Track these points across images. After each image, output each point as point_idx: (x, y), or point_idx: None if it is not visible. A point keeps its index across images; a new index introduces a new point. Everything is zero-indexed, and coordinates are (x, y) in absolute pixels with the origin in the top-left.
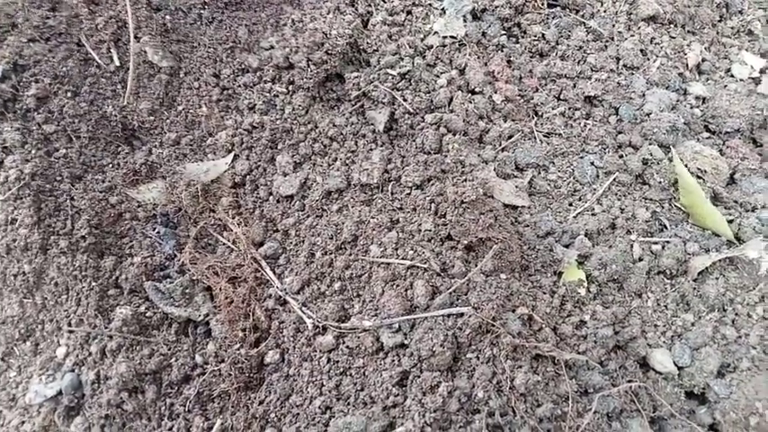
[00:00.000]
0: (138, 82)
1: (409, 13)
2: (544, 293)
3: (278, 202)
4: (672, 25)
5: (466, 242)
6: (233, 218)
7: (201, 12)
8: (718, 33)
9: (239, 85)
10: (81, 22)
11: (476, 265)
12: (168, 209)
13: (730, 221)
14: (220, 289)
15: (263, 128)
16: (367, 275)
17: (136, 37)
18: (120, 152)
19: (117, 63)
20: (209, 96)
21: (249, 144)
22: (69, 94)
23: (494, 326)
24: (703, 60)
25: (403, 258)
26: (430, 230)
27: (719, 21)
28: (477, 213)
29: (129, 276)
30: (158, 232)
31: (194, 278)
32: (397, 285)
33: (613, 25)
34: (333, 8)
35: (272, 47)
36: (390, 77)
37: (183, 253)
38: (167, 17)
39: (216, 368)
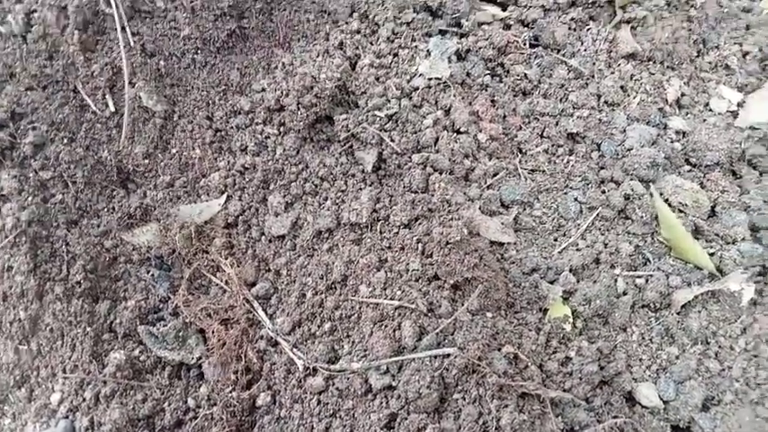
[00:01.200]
0: (132, 126)
1: (396, 55)
2: (530, 331)
3: (270, 242)
4: (651, 62)
5: (452, 282)
6: (226, 258)
7: (195, 56)
8: (696, 68)
9: (232, 127)
10: (77, 70)
11: (462, 305)
12: (162, 251)
13: (712, 254)
14: (213, 331)
15: (255, 169)
16: (356, 316)
17: (131, 82)
18: (116, 196)
19: (112, 109)
20: (202, 138)
21: (241, 185)
22: (65, 141)
23: (480, 365)
24: (682, 95)
25: (391, 299)
26: (417, 270)
27: (697, 56)
28: (463, 253)
29: (123, 320)
30: (152, 275)
31: (187, 321)
32: (386, 326)
33: (594, 63)
34: (322, 51)
35: (263, 89)
36: (378, 119)
37: (176, 295)
38: (161, 62)
39: (208, 412)
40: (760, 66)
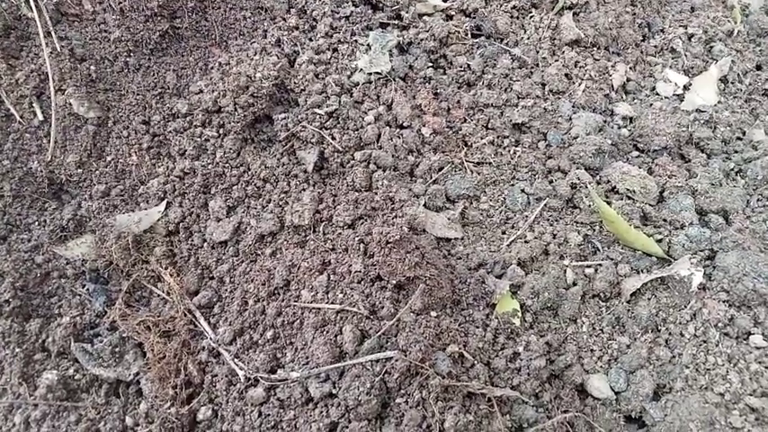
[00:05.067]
0: (63, 135)
1: (335, 50)
2: (477, 328)
3: (212, 248)
4: (595, 48)
5: (394, 282)
6: (166, 268)
7: (128, 59)
8: (641, 53)
9: (170, 131)
10: (0, 79)
11: (405, 305)
12: (98, 264)
13: (660, 240)
14: (152, 345)
15: (195, 173)
16: (298, 322)
17: (60, 89)
18: (48, 209)
19: (41, 117)
20: (139, 144)
21: (182, 190)
22: None
23: (422, 368)
24: (628, 80)
25: (333, 302)
26: (360, 272)
27: (642, 40)
28: (404, 252)
29: (56, 338)
30: (88, 289)
31: (125, 335)
32: (327, 332)
33: (537, 51)
34: (259, 49)
35: (200, 91)
36: (318, 117)
37: (113, 309)
38: (92, 67)
39: (146, 430)
40: (705, 48)
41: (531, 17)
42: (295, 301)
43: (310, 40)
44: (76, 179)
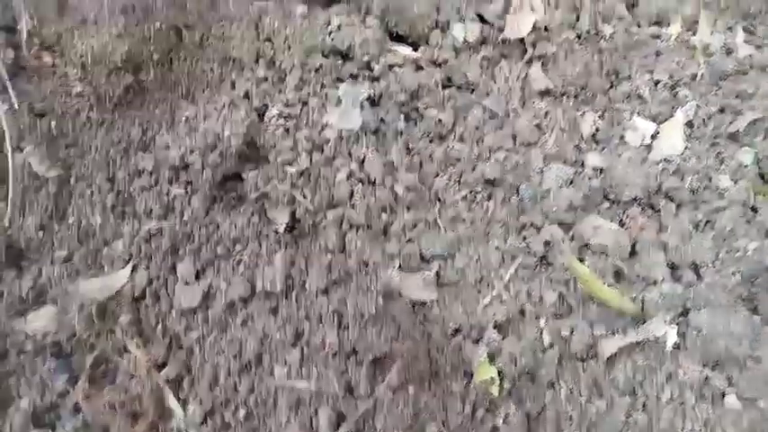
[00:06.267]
0: (22, 197)
1: (305, 103)
2: (455, 401)
3: (181, 315)
4: (564, 97)
5: (371, 357)
6: (132, 338)
7: (90, 114)
8: (609, 100)
9: (135, 189)
10: None
11: (382, 381)
12: (60, 336)
13: (634, 298)
14: (118, 429)
15: (162, 233)
16: (272, 401)
17: (18, 147)
18: (5, 279)
19: None
20: (102, 203)
21: (148, 252)
22: None
23: None
24: (597, 130)
25: (308, 379)
26: (334, 344)
27: (610, 87)
28: (380, 326)
29: (13, 425)
30: (49, 367)
31: (88, 419)
32: (302, 413)
33: (507, 102)
34: (227, 102)
35: (167, 146)
36: (289, 175)
37: (76, 388)
38: (52, 123)
39: None
40: (671, 93)
41: (501, 68)
42: (268, 378)
43: (279, 92)
44: (36, 244)
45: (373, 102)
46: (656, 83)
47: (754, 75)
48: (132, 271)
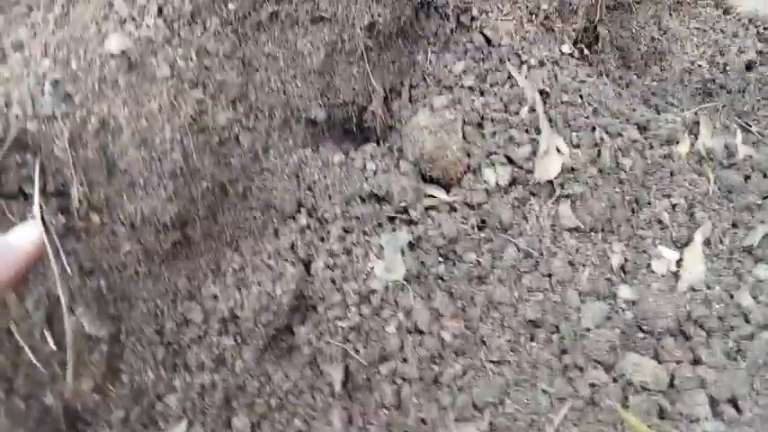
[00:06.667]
0: (77, 359)
1: (349, 252)
2: None
3: None
4: (593, 232)
5: None
6: None
7: (138, 268)
8: (632, 228)
9: (185, 341)
10: (9, 311)
11: None
12: None
13: None
14: None
15: (215, 387)
16: None
17: (71, 310)
18: None
19: (53, 345)
20: (154, 357)
21: (202, 407)
22: (2, 394)
23: None
24: (626, 260)
25: None
26: None
27: (632, 214)
28: None
29: None
30: None
31: None
32: None
33: (540, 241)
34: (273, 252)
35: (214, 296)
36: (340, 329)
37: None
38: (101, 280)
39: None
40: (688, 215)
41: (531, 208)
42: None
43: (323, 240)
44: (93, 407)
45: (412, 246)
46: (674, 206)
47: (756, 181)
48: (188, 427)
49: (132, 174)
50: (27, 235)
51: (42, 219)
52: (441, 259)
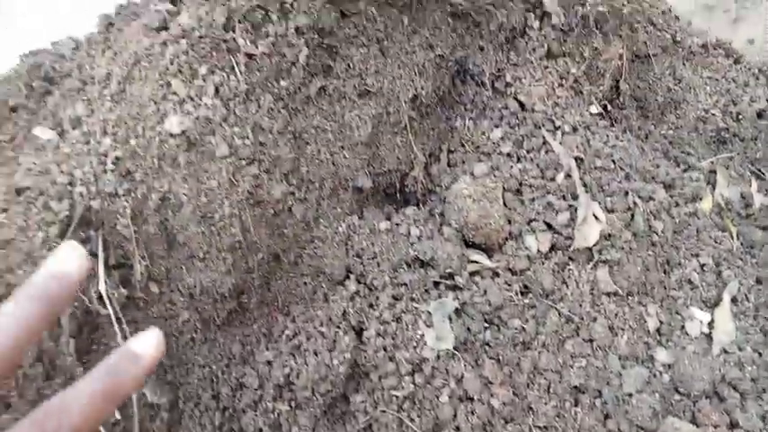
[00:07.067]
0: (141, 428)
1: (399, 320)
2: None
3: None
4: (629, 296)
5: None
6: None
7: (194, 335)
8: (665, 289)
9: (241, 406)
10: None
11: None
12: None
13: None
14: None
15: None
16: None
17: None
18: None
19: (117, 415)
20: (211, 423)
21: None
22: None
23: None
24: (661, 323)
25: None
26: None
27: (665, 276)
28: None
29: None
30: None
31: None
32: None
33: (580, 305)
34: (325, 319)
35: (268, 362)
36: (394, 398)
37: None
38: None
39: None
40: (715, 274)
41: (571, 271)
42: None
43: (373, 308)
44: None
45: (458, 311)
46: (702, 266)
47: None
48: None
49: (192, 247)
50: (150, 339)
51: (105, 292)
52: (486, 325)
